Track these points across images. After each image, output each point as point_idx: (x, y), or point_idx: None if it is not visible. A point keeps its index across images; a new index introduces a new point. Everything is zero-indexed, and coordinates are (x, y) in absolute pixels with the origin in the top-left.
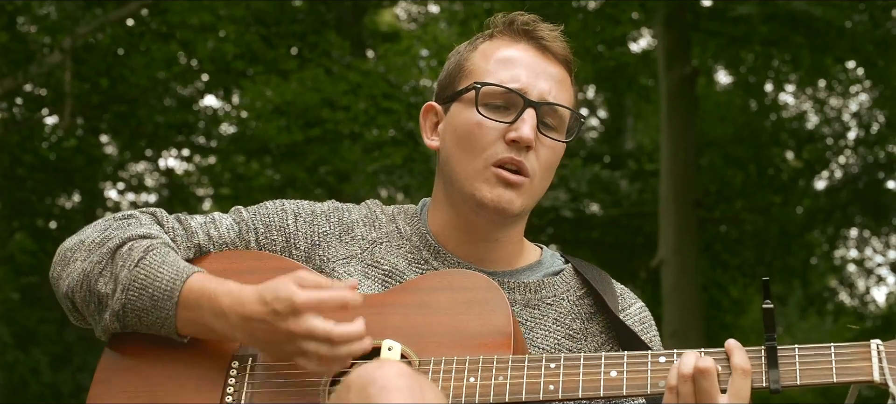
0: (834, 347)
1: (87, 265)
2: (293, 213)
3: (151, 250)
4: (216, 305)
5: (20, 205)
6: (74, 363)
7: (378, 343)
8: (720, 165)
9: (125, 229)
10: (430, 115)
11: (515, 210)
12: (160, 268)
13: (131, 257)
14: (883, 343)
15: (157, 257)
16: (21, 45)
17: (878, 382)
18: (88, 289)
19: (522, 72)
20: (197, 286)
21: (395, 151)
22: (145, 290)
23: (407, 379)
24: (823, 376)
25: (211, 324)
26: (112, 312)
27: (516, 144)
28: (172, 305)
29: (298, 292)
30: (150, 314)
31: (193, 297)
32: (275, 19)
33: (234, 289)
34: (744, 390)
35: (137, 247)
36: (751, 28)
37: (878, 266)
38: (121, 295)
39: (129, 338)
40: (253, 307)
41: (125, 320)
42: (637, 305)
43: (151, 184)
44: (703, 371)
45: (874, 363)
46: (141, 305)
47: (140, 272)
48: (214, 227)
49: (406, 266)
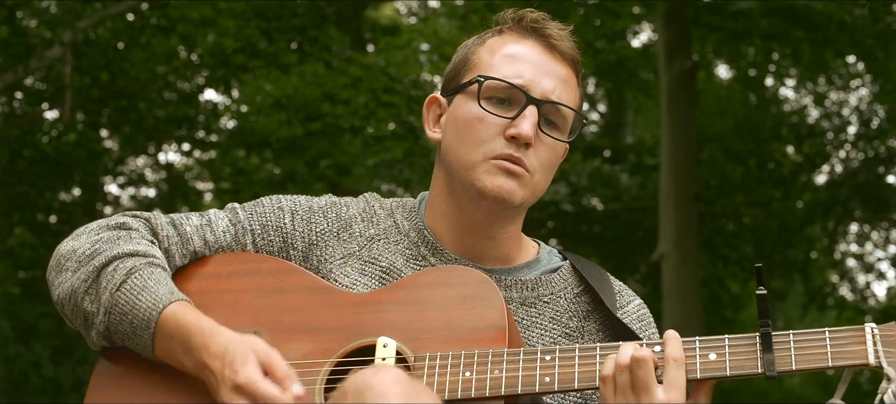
0: (828, 332)
1: (75, 281)
2: (290, 211)
3: (133, 273)
4: (187, 341)
5: (20, 200)
6: (75, 356)
7: (373, 340)
8: (720, 160)
9: (115, 244)
10: (434, 107)
11: (516, 200)
12: (140, 294)
13: (114, 280)
14: (877, 326)
15: (139, 282)
16: (21, 39)
17: (873, 365)
18: (75, 305)
19: (527, 68)
20: (172, 319)
21: (396, 145)
22: (125, 317)
23: (403, 385)
24: (819, 361)
25: (180, 359)
26: (97, 332)
27: (516, 141)
28: (149, 335)
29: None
30: (130, 339)
31: (168, 329)
32: (275, 13)
33: (206, 329)
34: (679, 380)
35: (121, 269)
36: (751, 22)
37: (878, 260)
38: (104, 317)
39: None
40: (212, 359)
41: (111, 339)
42: (635, 302)
43: (151, 178)
44: (638, 360)
45: (869, 346)
46: (122, 330)
47: (120, 297)
48: (210, 231)
49: (403, 263)
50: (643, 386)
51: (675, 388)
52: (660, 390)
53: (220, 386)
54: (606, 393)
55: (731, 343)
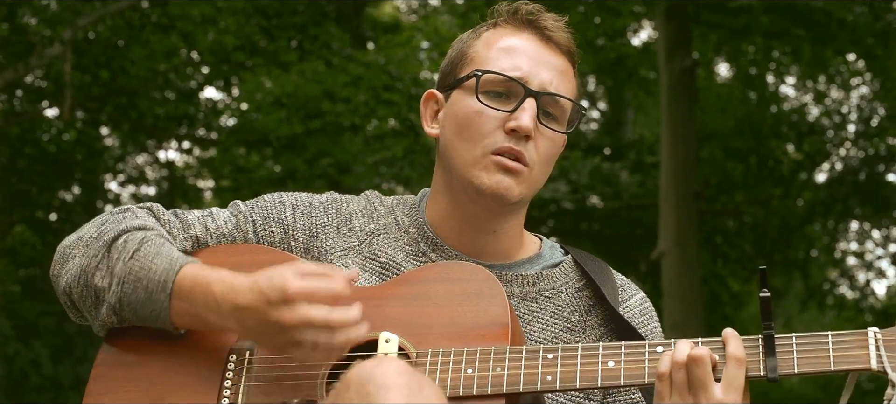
0: (831, 335)
1: (84, 260)
2: (291, 205)
3: (146, 242)
4: (209, 295)
5: (20, 198)
6: (75, 355)
7: (375, 335)
8: (720, 157)
9: (121, 222)
10: (431, 103)
11: (514, 197)
12: (154, 259)
13: (126, 249)
14: (880, 330)
15: (152, 248)
16: (21, 37)
17: (875, 370)
18: (85, 284)
19: (524, 61)
20: (190, 275)
21: (396, 143)
22: (140, 282)
23: (406, 377)
24: (821, 364)
25: (204, 315)
26: (109, 306)
27: (515, 134)
28: (166, 296)
29: (291, 280)
30: (145, 306)
31: (187, 287)
32: (275, 11)
33: (227, 278)
34: (738, 379)
35: (132, 239)
36: (751, 19)
37: (878, 259)
38: (116, 288)
39: (126, 335)
40: (245, 296)
41: (122, 314)
42: (638, 296)
43: (152, 176)
44: (696, 358)
45: (872, 350)
46: (136, 298)
47: (135, 264)
48: (212, 219)
49: (404, 258)
50: (701, 385)
51: (733, 388)
52: (718, 389)
53: (269, 314)
54: (662, 390)
55: None
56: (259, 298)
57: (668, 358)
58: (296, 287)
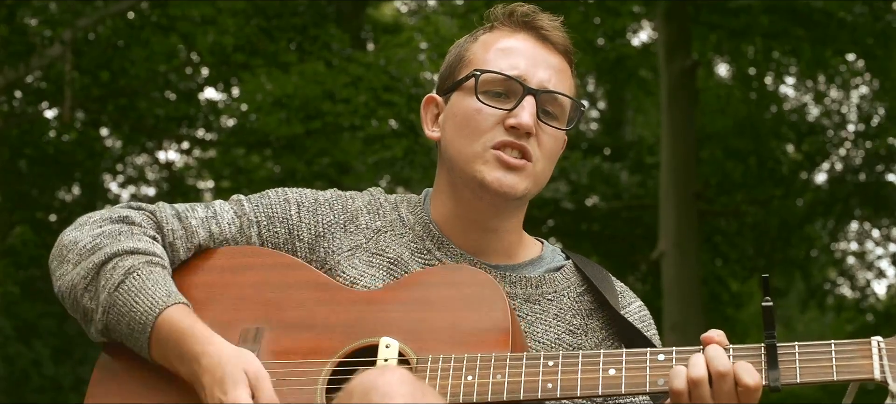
0: (834, 344)
1: (76, 276)
2: (296, 203)
3: (131, 274)
4: (181, 348)
5: (20, 199)
6: (75, 356)
7: (375, 340)
8: (720, 158)
9: (116, 240)
10: (431, 107)
11: (519, 193)
12: (137, 296)
13: (112, 280)
14: (884, 340)
15: (136, 283)
16: (21, 38)
17: (878, 380)
18: (75, 300)
19: (522, 60)
20: (167, 324)
21: (396, 144)
22: (123, 318)
23: (409, 386)
24: (824, 374)
25: (175, 365)
26: (96, 329)
27: (516, 131)
28: (145, 339)
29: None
30: (128, 339)
31: (163, 334)
32: (275, 12)
33: (200, 340)
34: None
35: (120, 268)
36: (751, 19)
37: (878, 259)
38: (102, 316)
39: None
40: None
41: (110, 337)
42: (636, 303)
43: (152, 176)
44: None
45: (875, 360)
46: (120, 330)
47: (118, 298)
48: (216, 223)
49: (409, 255)
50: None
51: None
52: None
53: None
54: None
55: (736, 353)
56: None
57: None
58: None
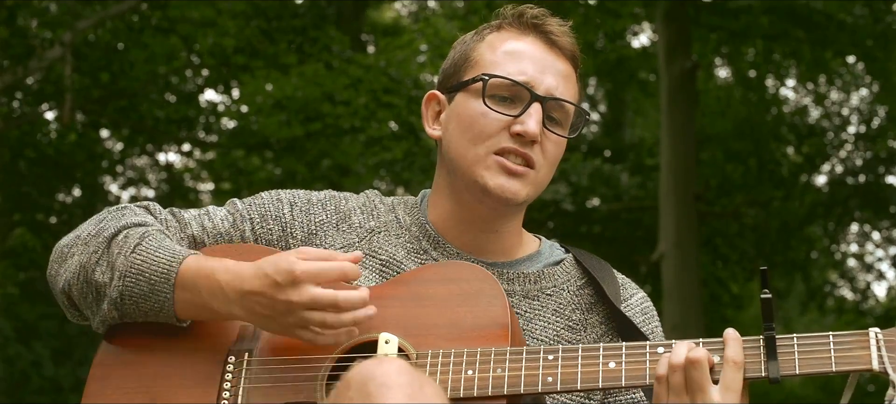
0: (833, 336)
1: (84, 257)
2: (289, 202)
3: (147, 236)
4: (213, 283)
5: (21, 200)
6: (75, 357)
7: (375, 336)
8: (720, 159)
9: (119, 219)
10: (433, 104)
11: (520, 199)
12: (157, 252)
13: (127, 244)
14: (882, 331)
15: (153, 242)
16: (21, 40)
17: (877, 370)
18: (86, 280)
19: (530, 65)
20: (194, 266)
21: (396, 146)
22: (142, 275)
23: (407, 376)
24: (822, 365)
25: (209, 303)
26: (110, 301)
27: (521, 138)
28: (170, 287)
29: (298, 262)
30: (148, 299)
31: (190, 277)
32: (275, 14)
33: (231, 266)
34: (736, 382)
35: (133, 234)
36: (751, 20)
37: (878, 261)
38: (118, 282)
39: (125, 335)
40: (252, 281)
41: (123, 308)
42: (639, 295)
43: (152, 178)
44: (693, 361)
45: (873, 351)
46: (139, 291)
47: (137, 258)
48: (208, 218)
49: (404, 256)
50: (698, 387)
51: (731, 391)
52: (715, 391)
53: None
54: (660, 392)
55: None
56: (265, 282)
57: (666, 360)
58: (302, 268)
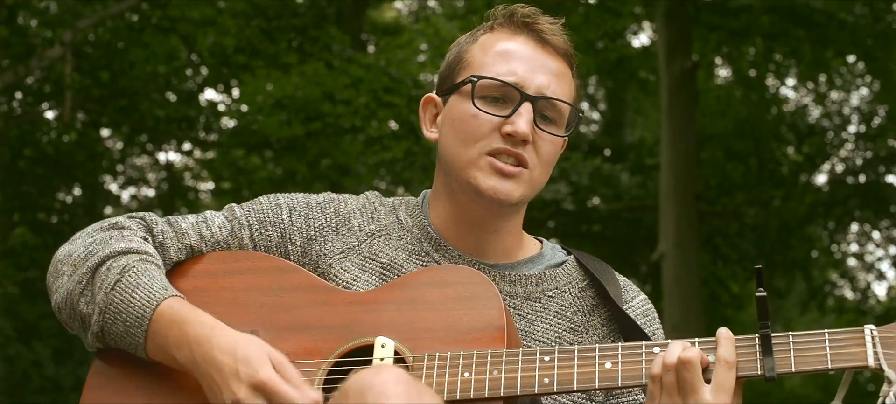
0: (828, 333)
1: (71, 283)
2: (288, 208)
3: (127, 272)
4: (183, 335)
5: (21, 199)
6: (76, 356)
7: (371, 340)
8: (721, 159)
9: (108, 244)
10: (430, 107)
11: (514, 200)
12: (134, 292)
13: (108, 279)
14: (877, 328)
15: (133, 280)
16: (21, 39)
17: (872, 367)
18: (72, 308)
19: (520, 65)
20: (167, 313)
21: (396, 145)
22: (119, 315)
23: (405, 385)
24: (818, 362)
25: (173, 353)
26: (93, 333)
27: (512, 138)
28: (142, 333)
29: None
30: (123, 339)
31: (163, 325)
32: (275, 13)
33: (207, 324)
34: (728, 381)
35: (115, 268)
36: (752, 19)
37: (878, 260)
38: (98, 317)
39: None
40: (219, 354)
41: (105, 341)
42: (640, 298)
43: (152, 178)
44: (685, 361)
45: (868, 348)
46: (116, 330)
47: (115, 296)
48: (206, 226)
49: (405, 258)
50: (690, 388)
51: (723, 391)
52: (707, 391)
53: (229, 382)
54: (653, 391)
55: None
56: (229, 364)
57: (659, 360)
58: (266, 376)
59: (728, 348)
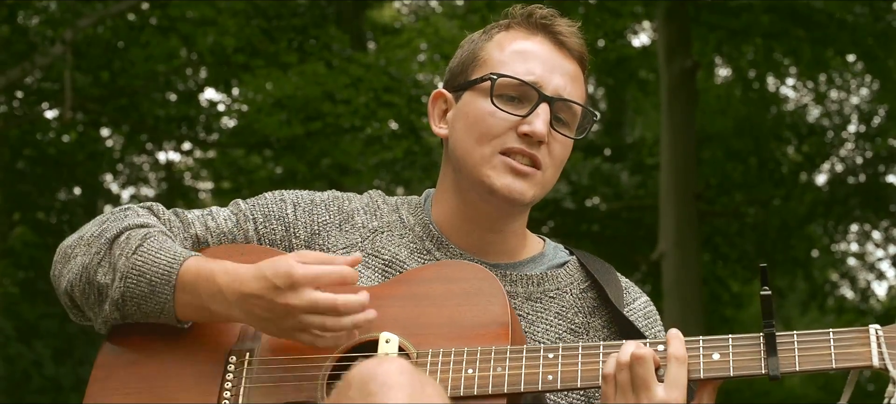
0: (833, 333)
1: (86, 258)
2: (292, 203)
3: (149, 237)
4: (213, 285)
5: (21, 199)
6: (76, 356)
7: (375, 335)
8: (721, 158)
9: (122, 220)
10: (440, 103)
11: (527, 200)
12: (158, 253)
13: (129, 245)
14: (882, 327)
15: (155, 243)
16: (21, 38)
17: (877, 367)
18: (88, 281)
19: (538, 65)
20: (194, 267)
21: (396, 145)
22: (143, 276)
23: (408, 376)
24: (822, 362)
25: (208, 305)
26: (112, 302)
27: (528, 138)
28: (170, 289)
29: (297, 266)
30: (148, 300)
31: (190, 279)
32: (275, 13)
33: (231, 268)
34: (680, 378)
35: (135, 235)
36: (752, 19)
37: (878, 260)
38: (119, 283)
39: (126, 335)
40: (251, 283)
41: (125, 309)
42: (642, 299)
43: (152, 177)
44: (639, 357)
45: (873, 348)
46: (139, 292)
47: (138, 259)
48: (212, 218)
49: (407, 255)
50: (643, 384)
51: (675, 387)
52: (660, 388)
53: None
54: (607, 391)
55: (735, 343)
56: (265, 285)
57: (613, 360)
58: (301, 272)
59: (678, 346)
